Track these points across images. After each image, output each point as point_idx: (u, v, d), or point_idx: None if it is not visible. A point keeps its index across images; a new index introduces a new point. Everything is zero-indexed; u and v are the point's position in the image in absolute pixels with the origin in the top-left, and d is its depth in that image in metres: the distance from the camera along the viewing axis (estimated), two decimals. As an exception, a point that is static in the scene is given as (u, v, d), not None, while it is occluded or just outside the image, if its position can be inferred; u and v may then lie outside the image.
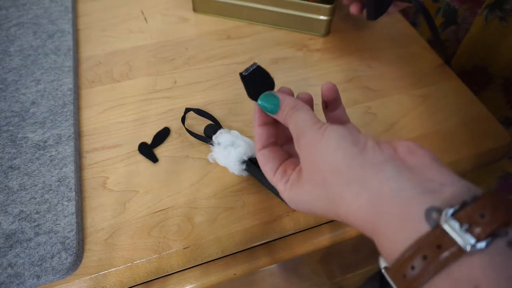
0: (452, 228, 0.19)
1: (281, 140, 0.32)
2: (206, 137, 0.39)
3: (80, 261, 0.33)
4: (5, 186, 0.36)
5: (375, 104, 0.44)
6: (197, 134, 0.40)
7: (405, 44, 0.51)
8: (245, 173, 0.37)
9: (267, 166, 0.29)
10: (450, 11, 0.56)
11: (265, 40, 0.51)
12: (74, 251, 0.32)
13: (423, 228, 0.20)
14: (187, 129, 0.40)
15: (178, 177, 0.38)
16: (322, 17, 0.49)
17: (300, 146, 0.26)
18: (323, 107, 0.31)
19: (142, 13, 0.54)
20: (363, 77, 0.47)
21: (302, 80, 0.46)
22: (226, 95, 0.45)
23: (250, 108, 0.43)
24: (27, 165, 0.37)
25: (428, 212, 0.20)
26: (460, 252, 0.18)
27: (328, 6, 0.48)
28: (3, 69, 0.45)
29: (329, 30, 0.51)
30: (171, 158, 0.39)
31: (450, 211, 0.19)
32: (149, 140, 0.40)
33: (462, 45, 0.54)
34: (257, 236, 0.35)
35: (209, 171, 0.38)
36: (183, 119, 0.40)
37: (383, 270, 0.22)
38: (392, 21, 0.54)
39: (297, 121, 0.27)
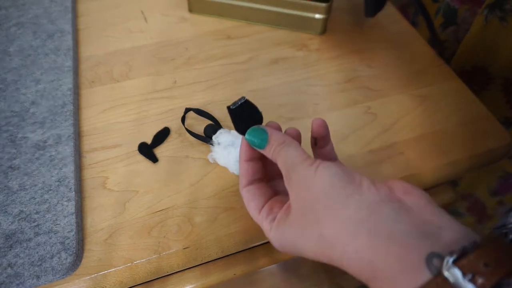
0: (454, 277, 0.18)
1: (268, 176, 0.31)
2: (206, 137, 0.39)
3: (80, 261, 0.33)
4: (5, 186, 0.36)
5: (375, 104, 0.44)
6: (197, 134, 0.40)
7: (405, 44, 0.51)
8: None
9: (252, 203, 0.28)
10: (450, 11, 0.56)
11: (265, 40, 0.51)
12: (74, 251, 0.32)
13: (425, 275, 0.19)
14: (187, 129, 0.40)
15: (178, 177, 0.38)
16: (318, 16, 0.49)
17: (291, 183, 0.25)
18: (312, 143, 0.30)
19: (142, 13, 0.54)
20: (363, 77, 0.47)
21: (302, 80, 0.46)
22: (226, 95, 0.45)
23: (250, 108, 0.43)
24: (26, 165, 0.37)
25: (429, 258, 0.19)
26: None
27: (323, 4, 0.48)
28: (2, 69, 0.45)
29: (325, 28, 0.51)
30: (171, 158, 0.39)
31: (452, 258, 0.19)
32: (149, 140, 0.40)
33: (462, 45, 0.54)
34: (257, 236, 0.35)
35: (209, 171, 0.38)
36: (183, 119, 0.40)
37: None
38: (392, 21, 0.54)
39: (286, 157, 0.26)
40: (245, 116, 0.28)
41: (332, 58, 0.49)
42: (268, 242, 0.37)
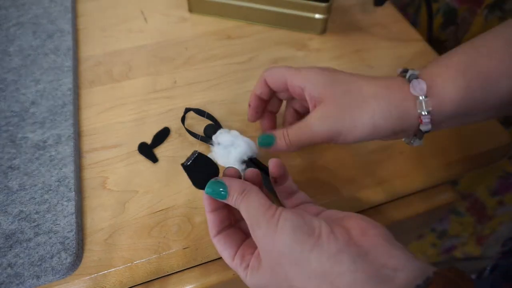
0: None
1: (237, 216, 0.32)
2: (206, 137, 0.39)
3: (80, 261, 0.33)
4: (5, 186, 0.36)
5: (375, 104, 0.44)
6: (197, 134, 0.40)
7: (405, 44, 0.51)
8: None
9: (225, 253, 0.29)
10: (450, 11, 0.56)
11: (265, 40, 0.51)
12: (74, 251, 0.32)
13: None
14: (187, 129, 0.40)
15: (178, 177, 0.38)
16: (318, 16, 0.49)
17: (256, 237, 0.26)
18: (272, 181, 0.31)
19: (142, 13, 0.54)
20: (363, 77, 0.47)
21: (302, 80, 0.46)
22: (226, 95, 0.45)
23: (250, 108, 0.43)
24: (26, 165, 0.37)
25: None
26: None
27: (323, 4, 0.48)
28: (2, 69, 0.45)
29: (325, 28, 0.51)
30: (171, 158, 0.39)
31: None
32: (149, 140, 0.40)
33: (462, 45, 0.54)
34: (257, 236, 0.35)
35: (209, 171, 0.38)
36: (183, 119, 0.40)
37: None
38: (392, 21, 0.54)
39: (248, 209, 0.27)
40: (200, 170, 0.29)
41: (332, 58, 0.49)
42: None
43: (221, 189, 0.28)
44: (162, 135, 0.41)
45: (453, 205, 0.70)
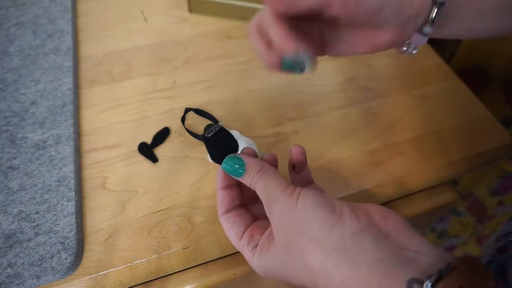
0: None
1: (246, 200, 0.31)
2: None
3: (80, 261, 0.33)
4: (5, 186, 0.36)
5: (375, 104, 0.44)
6: (197, 134, 0.40)
7: (405, 44, 0.51)
8: None
9: (231, 232, 0.28)
10: (450, 11, 0.55)
11: (265, 40, 0.51)
12: (74, 251, 0.32)
13: None
14: (187, 129, 0.40)
15: (178, 177, 0.38)
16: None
17: (272, 214, 0.25)
18: (289, 169, 0.30)
19: (142, 13, 0.54)
20: (363, 77, 0.47)
21: (302, 80, 0.46)
22: (226, 95, 0.45)
23: (250, 108, 0.43)
24: (26, 165, 0.37)
25: (409, 284, 0.20)
26: None
27: None
28: (2, 69, 0.45)
29: None
30: (171, 158, 0.39)
31: (430, 283, 0.20)
32: (149, 140, 0.40)
33: (462, 45, 0.54)
34: (257, 236, 0.35)
35: (209, 171, 0.38)
36: (183, 119, 0.40)
37: None
38: (392, 21, 0.54)
39: (265, 186, 0.26)
40: (220, 144, 0.29)
41: (332, 58, 0.49)
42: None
43: (238, 166, 0.27)
44: (162, 135, 0.41)
45: (453, 205, 0.70)
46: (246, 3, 0.50)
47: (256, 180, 0.27)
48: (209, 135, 0.28)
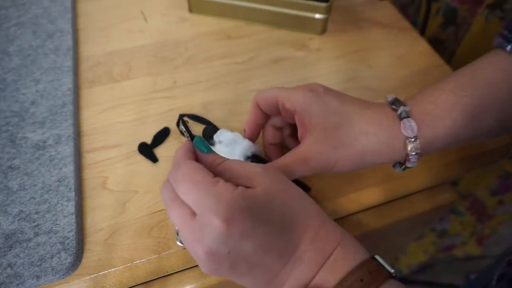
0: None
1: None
2: (207, 137, 0.39)
3: (80, 261, 0.33)
4: (5, 186, 0.36)
5: (375, 104, 0.44)
6: (194, 136, 0.39)
7: (405, 44, 0.51)
8: None
9: (200, 172, 0.26)
10: (450, 11, 0.56)
11: (265, 40, 0.51)
12: (74, 251, 0.32)
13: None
14: (182, 133, 0.39)
15: (178, 177, 0.38)
16: (318, 16, 0.49)
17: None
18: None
19: (142, 13, 0.54)
20: (363, 77, 0.47)
21: (302, 80, 0.46)
22: (226, 95, 0.45)
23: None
24: (26, 165, 0.37)
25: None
26: None
27: (323, 4, 0.48)
28: (2, 69, 0.45)
29: (325, 28, 0.51)
30: (171, 158, 0.39)
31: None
32: (149, 140, 0.40)
33: (462, 45, 0.54)
34: (257, 236, 0.35)
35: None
36: (178, 125, 0.40)
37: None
38: (392, 21, 0.54)
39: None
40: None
41: (332, 58, 0.49)
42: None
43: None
44: (162, 135, 0.41)
45: (453, 205, 0.70)
46: (246, 3, 0.50)
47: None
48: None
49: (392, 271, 0.25)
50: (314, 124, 0.30)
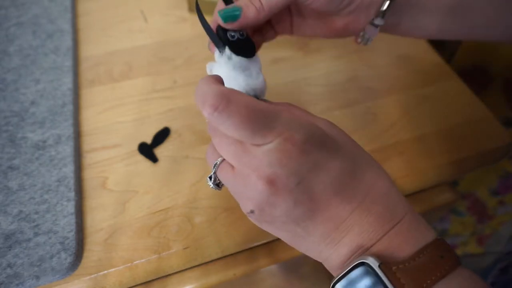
0: None
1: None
2: (220, 40, 0.29)
3: (80, 261, 0.33)
4: (4, 186, 0.36)
5: (375, 104, 0.44)
6: (211, 29, 0.30)
7: (405, 44, 0.51)
8: None
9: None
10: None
11: (265, 40, 0.51)
12: (74, 251, 0.32)
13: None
14: (200, 18, 0.31)
15: (178, 177, 0.38)
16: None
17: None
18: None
19: (142, 13, 0.54)
20: (363, 77, 0.47)
21: (302, 80, 0.46)
22: (226, 95, 0.45)
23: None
24: (26, 165, 0.37)
25: None
26: None
27: None
28: (2, 69, 0.44)
29: None
30: (171, 158, 0.39)
31: None
32: (149, 140, 0.40)
33: (462, 45, 0.54)
34: (257, 236, 0.35)
35: (209, 171, 0.38)
36: (198, 8, 0.32)
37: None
38: (392, 21, 0.54)
39: None
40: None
41: (332, 58, 0.49)
42: (268, 242, 0.37)
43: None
44: (162, 135, 0.41)
45: (453, 205, 0.70)
46: (246, 3, 0.50)
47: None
48: (233, 39, 0.26)
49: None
50: None
